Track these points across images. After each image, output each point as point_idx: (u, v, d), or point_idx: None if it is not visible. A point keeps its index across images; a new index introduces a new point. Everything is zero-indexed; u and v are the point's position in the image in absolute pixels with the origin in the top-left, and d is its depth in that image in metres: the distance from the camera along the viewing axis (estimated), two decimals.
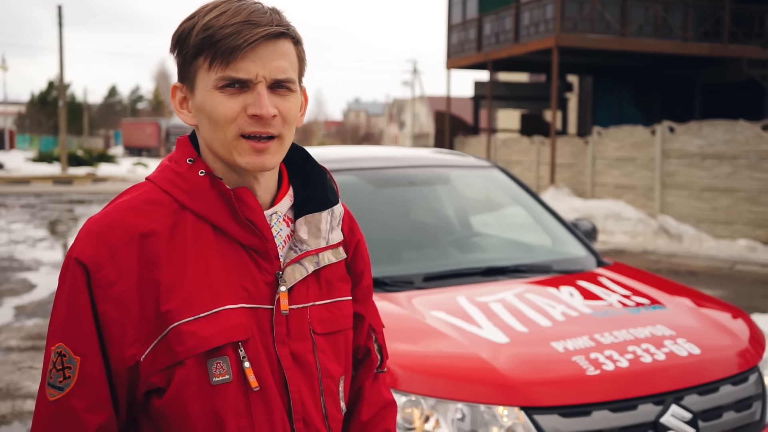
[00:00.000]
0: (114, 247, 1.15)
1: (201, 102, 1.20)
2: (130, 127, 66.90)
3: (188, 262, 1.18)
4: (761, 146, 13.31)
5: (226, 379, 1.17)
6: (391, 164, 3.94)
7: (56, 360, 1.16)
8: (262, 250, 1.23)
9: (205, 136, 1.22)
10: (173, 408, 1.16)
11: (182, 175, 1.22)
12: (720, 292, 9.39)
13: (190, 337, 1.15)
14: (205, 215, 1.20)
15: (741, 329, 2.97)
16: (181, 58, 1.22)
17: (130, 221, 1.17)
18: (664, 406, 2.44)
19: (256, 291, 1.22)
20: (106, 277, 1.14)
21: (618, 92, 22.84)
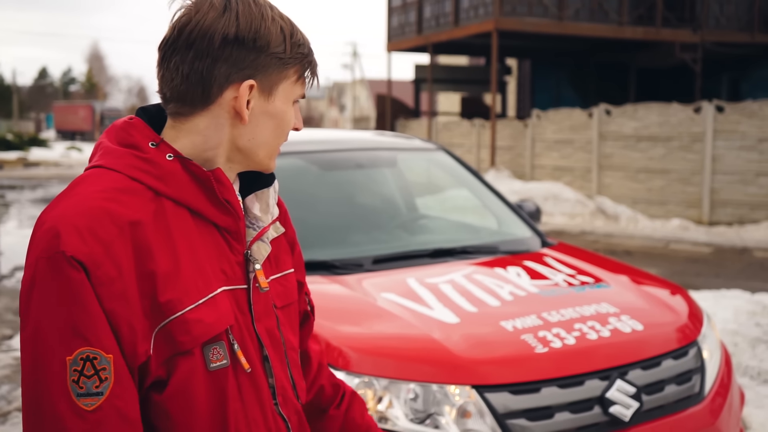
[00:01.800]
0: (107, 241, 1.09)
1: (278, 109, 1.23)
2: (62, 110, 65.08)
3: (178, 249, 1.15)
4: (693, 128, 13.71)
5: (224, 363, 1.16)
6: (338, 147, 3.94)
7: (83, 367, 1.06)
8: (235, 231, 1.23)
9: (260, 138, 1.23)
10: (177, 400, 1.14)
11: (150, 160, 1.17)
12: (655, 270, 9.67)
13: (197, 325, 1.13)
14: (183, 200, 1.17)
15: (680, 306, 3.07)
16: (266, 58, 1.19)
17: (115, 211, 1.11)
18: (610, 381, 2.52)
19: (232, 272, 1.21)
20: (107, 274, 1.08)
21: (556, 76, 23.19)
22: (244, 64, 1.17)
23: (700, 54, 17.74)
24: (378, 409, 2.40)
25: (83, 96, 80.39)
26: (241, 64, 1.17)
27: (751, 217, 13.06)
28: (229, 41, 1.16)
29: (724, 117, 13.35)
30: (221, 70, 1.16)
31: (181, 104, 1.19)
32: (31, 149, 37.56)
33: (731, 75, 20.57)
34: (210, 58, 1.15)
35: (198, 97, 1.18)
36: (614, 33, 17.60)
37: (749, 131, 13.08)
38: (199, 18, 1.16)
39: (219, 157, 1.22)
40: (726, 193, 13.36)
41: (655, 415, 2.59)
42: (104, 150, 1.20)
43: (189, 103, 1.18)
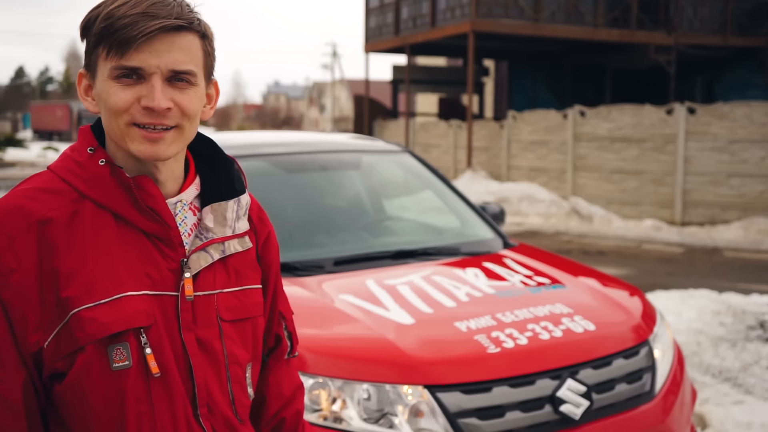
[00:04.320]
0: (12, 235, 1.15)
1: (99, 90, 1.22)
2: (39, 110, 64.45)
3: (88, 250, 1.18)
4: (666, 130, 13.86)
5: (126, 365, 1.18)
6: (302, 149, 3.97)
7: None
8: (165, 238, 1.24)
9: (104, 123, 1.23)
10: (72, 393, 1.18)
11: (82, 164, 1.22)
12: (627, 270, 9.78)
13: (90, 324, 1.15)
14: (105, 203, 1.21)
15: (634, 306, 3.13)
16: (85, 45, 1.22)
17: (28, 208, 1.17)
18: (561, 381, 2.57)
19: (160, 278, 1.23)
20: (5, 265, 1.14)
21: (533, 77, 23.33)
22: (85, 56, 1.24)
23: (674, 56, 17.92)
24: (332, 410, 2.44)
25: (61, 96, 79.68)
26: (84, 59, 1.25)
27: (722, 218, 13.23)
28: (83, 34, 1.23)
29: (695, 119, 13.52)
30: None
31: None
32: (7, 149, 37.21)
33: (705, 77, 20.81)
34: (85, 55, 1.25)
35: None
36: (589, 35, 17.75)
37: (720, 133, 13.25)
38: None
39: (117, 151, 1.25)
40: (698, 193, 13.53)
41: (605, 413, 2.64)
42: (60, 157, 1.27)
43: None
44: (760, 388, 4.76)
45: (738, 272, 9.67)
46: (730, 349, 5.38)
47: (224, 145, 4.07)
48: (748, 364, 5.12)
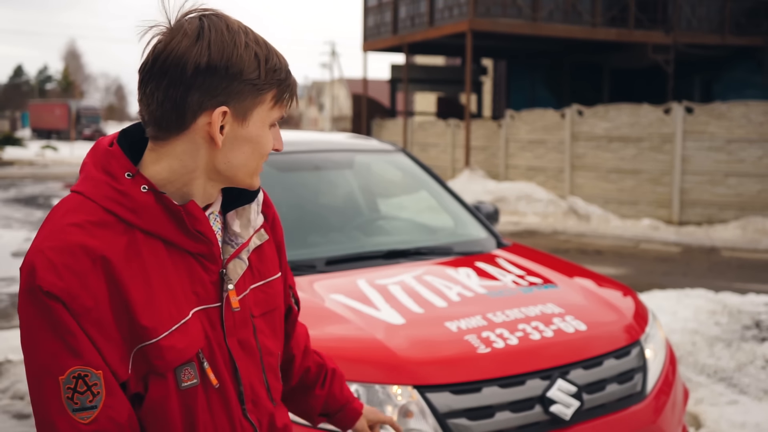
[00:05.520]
0: (82, 275, 1.15)
1: (253, 134, 1.24)
2: (38, 108, 64.43)
3: (150, 279, 1.20)
4: (663, 129, 13.86)
5: (194, 383, 1.24)
6: (296, 149, 3.96)
7: (75, 384, 1.14)
8: (209, 254, 1.28)
9: (236, 161, 1.25)
10: (153, 414, 1.22)
11: (124, 193, 1.21)
12: (624, 270, 9.78)
13: (170, 351, 1.20)
14: (155, 231, 1.22)
15: (626, 306, 3.12)
16: (239, 84, 1.20)
17: (89, 245, 1.16)
18: (551, 381, 2.56)
19: (205, 292, 1.27)
20: (83, 305, 1.14)
21: (531, 76, 23.32)
22: (216, 92, 1.19)
23: (672, 55, 17.92)
24: None
25: (59, 94, 79.64)
26: (214, 92, 1.19)
27: (719, 217, 13.22)
28: (201, 70, 1.17)
29: (693, 118, 13.51)
30: (194, 97, 1.18)
31: (158, 128, 1.22)
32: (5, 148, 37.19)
33: (704, 76, 20.80)
34: (183, 86, 1.17)
35: (173, 123, 1.20)
36: (587, 34, 17.74)
37: (718, 132, 13.25)
38: (174, 46, 1.17)
39: (198, 179, 1.25)
40: (695, 193, 13.52)
41: (596, 413, 2.63)
42: (86, 174, 1.24)
43: (165, 128, 1.21)
44: (754, 388, 4.75)
45: (735, 272, 9.67)
46: (725, 349, 5.37)
47: None
48: (743, 364, 5.11)
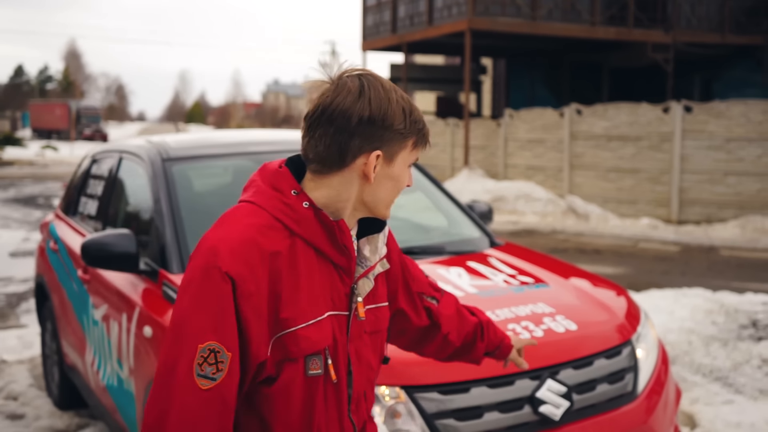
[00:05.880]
0: (253, 265, 1.41)
1: (397, 173, 1.53)
2: (38, 108, 64.44)
3: (300, 279, 1.46)
4: (662, 128, 13.84)
5: (319, 373, 1.48)
6: (285, 148, 3.93)
7: (207, 355, 1.39)
8: (347, 268, 1.54)
9: (380, 195, 1.53)
10: (281, 395, 1.47)
11: (291, 206, 1.48)
12: (622, 269, 9.76)
13: (305, 341, 1.45)
14: (311, 241, 1.49)
15: (618, 305, 3.11)
16: (390, 133, 1.48)
17: (262, 243, 1.43)
18: (540, 381, 2.54)
19: (339, 301, 1.53)
20: (248, 290, 1.40)
21: (530, 75, 23.29)
22: (374, 139, 1.47)
23: (671, 54, 17.89)
24: None
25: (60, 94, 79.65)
26: (372, 139, 1.47)
27: (718, 216, 13.20)
28: (363, 121, 1.45)
29: (692, 117, 13.49)
30: (356, 142, 1.46)
31: (321, 165, 1.48)
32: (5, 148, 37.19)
33: (703, 75, 20.76)
34: (347, 133, 1.45)
35: (335, 162, 1.47)
36: (587, 33, 17.70)
37: (717, 131, 13.22)
38: (340, 101, 1.45)
39: (347, 207, 1.52)
40: (694, 192, 13.50)
41: (586, 414, 2.62)
42: (257, 189, 1.52)
43: (327, 166, 1.48)
44: (750, 388, 4.73)
45: (734, 271, 9.64)
46: (721, 349, 5.35)
47: (209, 144, 4.04)
48: (739, 364, 5.09)
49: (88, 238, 3.22)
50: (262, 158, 3.82)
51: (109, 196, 4.13)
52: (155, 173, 3.51)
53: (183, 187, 3.51)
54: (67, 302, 4.27)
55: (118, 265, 3.19)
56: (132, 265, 3.19)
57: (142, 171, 3.68)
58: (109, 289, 3.54)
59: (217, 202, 3.73)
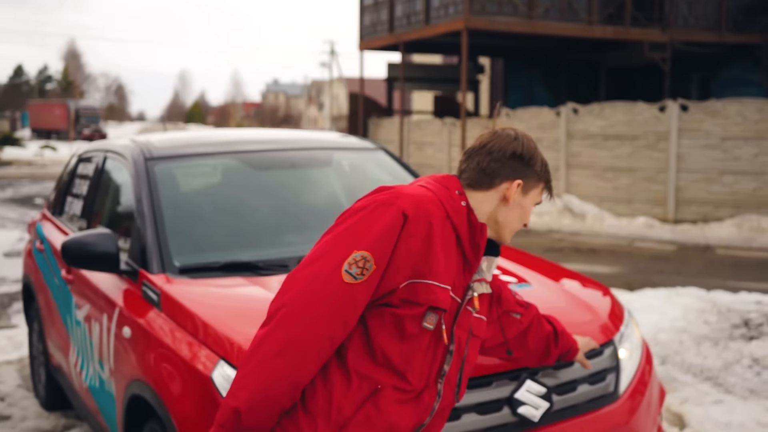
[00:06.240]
0: (421, 217, 1.78)
1: (526, 203, 1.95)
2: (37, 108, 64.39)
3: (443, 250, 1.81)
4: (658, 127, 13.81)
5: (431, 327, 1.80)
6: (272, 147, 3.91)
7: (359, 260, 1.73)
8: (473, 263, 1.89)
9: (506, 217, 1.93)
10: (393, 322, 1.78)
11: (453, 199, 1.87)
12: (618, 268, 9.73)
13: (433, 294, 1.78)
14: (457, 228, 1.85)
15: (601, 305, 3.08)
16: (529, 170, 1.92)
17: (431, 208, 1.81)
18: (519, 382, 2.51)
19: (458, 287, 1.87)
20: (412, 230, 1.76)
21: (528, 74, 23.26)
22: (519, 171, 1.91)
23: (669, 53, 17.85)
24: None
25: (59, 94, 79.59)
26: (518, 170, 1.91)
27: (715, 215, 13.17)
28: (516, 156, 1.91)
29: (688, 116, 13.46)
30: (506, 170, 1.91)
31: (472, 183, 1.92)
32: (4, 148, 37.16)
33: (701, 74, 20.73)
34: (500, 162, 1.90)
35: (485, 183, 1.91)
36: (584, 32, 17.67)
37: (713, 130, 13.20)
38: (498, 141, 1.92)
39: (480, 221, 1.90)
40: (691, 191, 13.47)
41: (566, 415, 2.59)
42: (427, 183, 1.90)
43: (477, 184, 1.92)
44: (740, 388, 4.71)
45: (729, 270, 9.62)
46: (712, 348, 5.33)
47: (194, 144, 4.01)
48: (730, 363, 5.06)
49: (68, 238, 3.20)
50: (248, 157, 3.80)
51: (94, 196, 4.11)
52: (137, 172, 3.49)
53: (166, 186, 3.48)
54: (52, 303, 4.25)
55: (98, 266, 3.17)
56: (112, 265, 3.16)
57: (126, 170, 3.65)
58: (90, 290, 3.52)
59: (203, 201, 3.72)
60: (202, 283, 2.94)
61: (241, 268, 3.07)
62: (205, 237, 3.37)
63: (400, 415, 1.80)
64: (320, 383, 1.77)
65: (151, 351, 2.76)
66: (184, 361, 2.55)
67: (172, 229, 3.24)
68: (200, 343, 2.55)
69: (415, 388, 1.81)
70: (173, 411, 2.50)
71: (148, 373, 2.73)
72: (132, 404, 2.88)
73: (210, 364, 2.44)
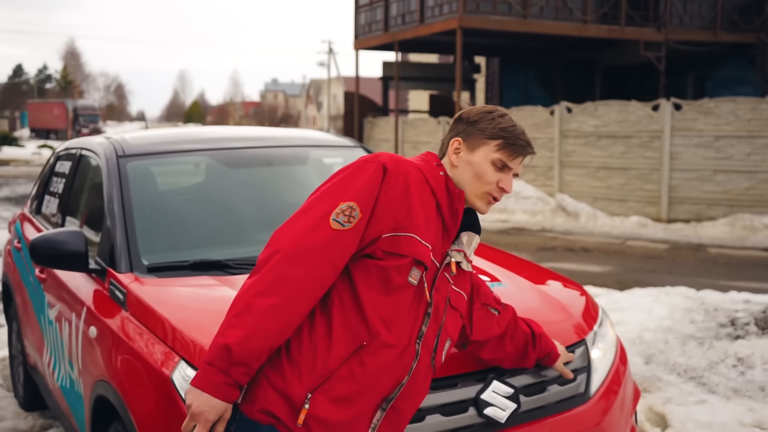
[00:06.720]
0: (400, 173, 1.92)
1: (475, 162, 2.01)
2: (36, 108, 64.34)
3: (421, 209, 1.93)
4: (652, 126, 13.77)
5: (414, 282, 1.91)
6: (248, 144, 3.87)
7: (346, 209, 1.85)
8: (451, 231, 2.01)
9: (463, 178, 2.02)
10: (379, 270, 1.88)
11: (432, 167, 2.02)
12: (609, 267, 9.70)
13: (415, 247, 1.90)
14: (437, 194, 1.98)
15: (574, 304, 3.04)
16: (472, 129, 2.02)
17: (409, 168, 1.95)
18: (485, 383, 2.46)
19: (437, 252, 1.97)
20: (391, 182, 1.90)
21: (524, 73, 23.22)
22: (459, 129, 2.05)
23: (664, 52, 17.82)
24: None
25: (59, 94, 79.49)
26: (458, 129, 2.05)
27: (708, 215, 13.14)
28: (460, 118, 2.07)
29: (681, 115, 13.42)
30: (451, 134, 2.08)
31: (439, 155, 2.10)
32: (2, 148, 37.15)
33: (697, 73, 20.71)
34: (449, 128, 2.10)
35: (442, 151, 2.09)
36: (579, 31, 17.64)
37: (706, 129, 13.16)
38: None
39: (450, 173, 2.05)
40: (684, 190, 13.44)
41: (535, 416, 2.55)
42: (411, 158, 2.05)
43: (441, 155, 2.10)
44: (723, 387, 4.67)
45: (721, 269, 9.59)
46: (697, 347, 5.29)
47: (171, 141, 3.96)
48: (714, 363, 5.03)
49: (37, 236, 3.15)
50: (222, 154, 3.75)
51: (69, 194, 4.07)
52: (109, 170, 3.44)
53: (138, 183, 3.43)
54: (28, 302, 4.21)
55: (66, 264, 3.12)
56: (81, 265, 3.12)
57: (99, 168, 3.61)
58: (61, 288, 3.48)
59: (175, 199, 3.67)
60: (169, 283, 2.90)
61: (211, 266, 3.02)
62: (177, 235, 3.33)
63: (383, 371, 1.89)
64: (306, 335, 1.87)
65: (114, 351, 2.72)
66: (146, 361, 2.51)
67: (142, 227, 3.20)
68: (162, 344, 2.51)
69: (398, 344, 1.90)
70: (134, 412, 2.46)
71: (111, 373, 2.69)
72: (98, 405, 2.83)
73: (171, 364, 2.40)
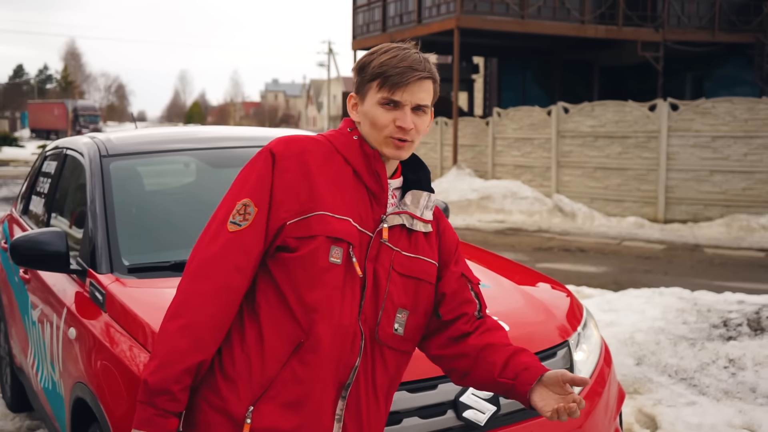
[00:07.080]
0: (293, 153, 1.81)
1: (367, 110, 1.83)
2: (37, 108, 64.37)
3: (331, 182, 1.81)
4: (649, 126, 13.75)
5: (338, 262, 1.77)
6: (232, 144, 3.85)
7: (240, 209, 1.78)
8: (379, 195, 1.84)
9: (365, 131, 1.85)
10: (298, 263, 1.77)
11: (343, 134, 1.88)
12: (605, 268, 9.67)
13: (327, 224, 1.77)
14: (350, 161, 1.84)
15: (558, 306, 3.02)
16: (360, 78, 1.85)
17: (305, 145, 1.84)
18: None
19: (366, 221, 1.82)
20: (284, 165, 1.80)
21: (522, 74, 23.20)
22: (356, 87, 1.88)
23: (662, 52, 17.80)
24: None
25: (59, 94, 79.53)
26: (356, 87, 1.88)
27: (704, 215, 13.11)
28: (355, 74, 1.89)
29: (678, 115, 13.40)
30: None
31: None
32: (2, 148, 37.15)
33: (695, 73, 20.68)
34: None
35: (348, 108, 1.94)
36: (576, 31, 17.62)
37: (703, 129, 13.13)
38: None
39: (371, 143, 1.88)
40: (681, 190, 13.41)
41: (515, 419, 2.52)
42: (323, 132, 1.93)
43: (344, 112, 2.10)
44: (714, 389, 4.65)
45: (717, 269, 9.57)
46: (689, 348, 5.26)
47: (154, 141, 3.93)
48: (706, 364, 5.00)
49: (17, 237, 3.13)
50: (206, 154, 3.73)
51: (54, 194, 4.04)
52: (92, 170, 3.42)
53: (121, 183, 3.41)
54: (14, 302, 4.19)
55: (46, 265, 3.09)
56: (62, 265, 3.09)
57: (82, 167, 3.59)
58: (44, 289, 3.45)
59: (158, 199, 3.65)
60: (150, 284, 2.87)
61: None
62: (159, 236, 3.31)
63: (329, 362, 1.77)
64: (238, 347, 1.78)
65: (92, 353, 2.69)
66: (122, 362, 2.48)
67: (123, 227, 3.17)
68: (139, 345, 2.48)
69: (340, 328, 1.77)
70: (110, 414, 2.44)
71: (89, 375, 2.66)
72: (77, 407, 2.81)
73: None
